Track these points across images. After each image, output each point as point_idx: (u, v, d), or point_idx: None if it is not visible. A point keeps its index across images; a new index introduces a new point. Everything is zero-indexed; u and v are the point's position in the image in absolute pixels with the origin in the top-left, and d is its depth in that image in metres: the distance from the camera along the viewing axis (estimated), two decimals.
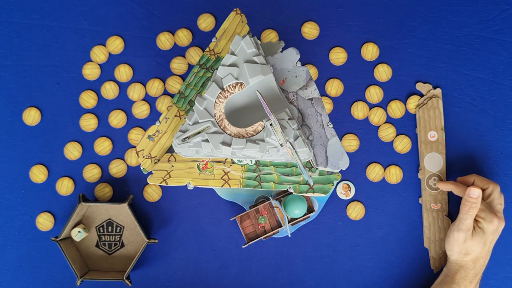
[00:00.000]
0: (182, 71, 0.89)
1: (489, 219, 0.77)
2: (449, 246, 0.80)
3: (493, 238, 0.79)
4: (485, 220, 0.78)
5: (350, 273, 0.87)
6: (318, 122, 0.79)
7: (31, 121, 0.87)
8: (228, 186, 0.79)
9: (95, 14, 0.89)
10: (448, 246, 0.80)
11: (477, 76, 0.88)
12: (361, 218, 0.87)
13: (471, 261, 0.79)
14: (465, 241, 0.78)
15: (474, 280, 0.79)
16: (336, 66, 0.89)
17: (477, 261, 0.79)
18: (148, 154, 0.80)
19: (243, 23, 0.82)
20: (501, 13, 0.89)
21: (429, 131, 0.87)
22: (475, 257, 0.79)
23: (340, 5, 0.90)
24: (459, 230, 0.78)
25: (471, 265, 0.79)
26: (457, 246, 0.79)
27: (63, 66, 0.88)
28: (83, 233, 0.83)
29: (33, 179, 0.87)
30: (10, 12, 0.89)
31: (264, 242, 0.87)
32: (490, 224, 0.77)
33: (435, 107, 0.87)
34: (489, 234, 0.78)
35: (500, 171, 0.87)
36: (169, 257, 0.87)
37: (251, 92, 0.75)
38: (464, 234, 0.78)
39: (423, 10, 0.89)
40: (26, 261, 0.86)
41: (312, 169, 0.79)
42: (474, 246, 0.78)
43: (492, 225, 0.77)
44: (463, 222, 0.77)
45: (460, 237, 0.78)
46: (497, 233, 0.79)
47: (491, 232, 0.78)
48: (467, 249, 0.79)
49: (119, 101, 0.89)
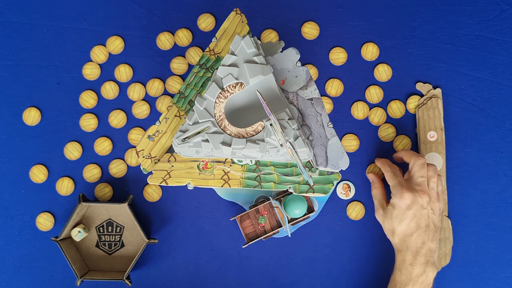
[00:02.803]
0: (182, 71, 0.89)
1: (399, 194, 0.76)
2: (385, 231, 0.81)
3: (413, 212, 0.76)
4: (395, 195, 0.77)
5: (350, 273, 0.87)
6: (318, 122, 0.79)
7: (31, 121, 0.87)
8: (228, 186, 0.79)
9: (95, 14, 0.89)
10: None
11: (477, 76, 0.89)
12: (361, 218, 0.87)
13: (399, 241, 0.77)
14: (382, 221, 0.80)
15: (415, 263, 0.76)
16: (336, 66, 0.89)
17: (406, 240, 0.76)
18: (148, 154, 0.80)
19: (243, 23, 0.82)
20: (501, 13, 0.89)
21: (428, 131, 0.87)
22: (401, 236, 0.77)
23: (340, 5, 0.90)
24: (375, 212, 0.81)
25: (402, 246, 0.77)
26: (384, 230, 0.80)
27: (63, 66, 0.88)
28: (83, 233, 0.83)
29: (33, 179, 0.87)
30: (10, 12, 0.89)
31: (264, 242, 0.87)
32: (401, 199, 0.76)
33: (434, 107, 0.87)
34: (402, 208, 0.76)
35: (500, 171, 0.87)
36: (169, 257, 0.87)
37: (251, 92, 0.75)
38: (378, 214, 0.81)
39: (423, 10, 0.89)
40: (26, 261, 0.86)
41: (312, 169, 0.79)
42: (390, 224, 0.78)
43: (403, 200, 0.76)
44: (375, 205, 0.82)
45: (378, 219, 0.81)
46: (418, 206, 0.76)
47: (405, 207, 0.76)
48: (389, 229, 0.78)
49: (119, 101, 0.89)
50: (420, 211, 0.76)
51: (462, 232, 0.86)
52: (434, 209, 0.77)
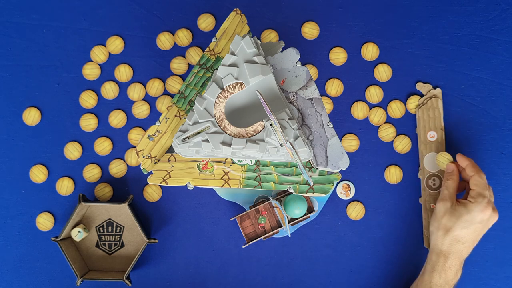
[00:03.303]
0: (182, 71, 0.89)
1: (483, 206, 0.74)
2: (432, 222, 0.78)
3: (480, 227, 0.75)
4: (478, 204, 0.75)
5: (350, 273, 0.87)
6: (318, 122, 0.79)
7: (31, 121, 0.87)
8: (228, 186, 0.79)
9: (95, 14, 0.89)
10: (432, 223, 0.78)
11: (477, 76, 0.88)
12: (361, 218, 0.87)
13: (449, 242, 0.76)
14: (443, 213, 0.76)
15: (454, 267, 0.76)
16: (336, 66, 0.89)
17: (456, 245, 0.75)
18: (148, 154, 0.80)
19: (243, 23, 0.82)
20: (501, 13, 0.89)
21: (428, 131, 0.87)
22: (453, 239, 0.75)
23: (340, 5, 0.90)
24: (438, 200, 0.78)
25: (449, 248, 0.76)
26: (437, 220, 0.77)
27: (63, 66, 0.88)
28: (83, 233, 0.83)
29: (33, 179, 0.87)
30: (10, 12, 0.89)
31: (264, 242, 0.87)
32: (482, 211, 0.74)
33: (434, 107, 0.87)
34: (476, 220, 0.75)
35: (500, 171, 0.87)
36: (169, 257, 0.87)
37: (251, 92, 0.75)
38: (443, 205, 0.77)
39: (423, 10, 0.89)
40: (26, 261, 0.86)
41: (312, 169, 0.79)
42: (452, 222, 0.75)
43: (482, 214, 0.74)
44: (441, 192, 0.78)
45: (440, 208, 0.77)
46: (485, 224, 0.75)
47: (479, 220, 0.75)
48: (446, 225, 0.76)
49: (119, 101, 0.89)
50: (484, 228, 0.76)
51: None
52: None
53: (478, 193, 0.75)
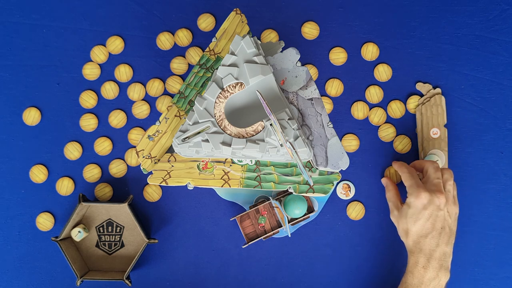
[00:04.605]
0: (182, 71, 0.89)
1: (416, 193, 0.75)
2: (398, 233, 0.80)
3: (429, 214, 0.75)
4: (411, 194, 0.76)
5: (350, 273, 0.87)
6: (318, 122, 0.79)
7: (31, 121, 0.87)
8: (228, 186, 0.79)
9: (95, 14, 0.89)
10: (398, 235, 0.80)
11: (477, 76, 0.89)
12: (361, 218, 0.87)
13: (412, 242, 0.76)
14: (397, 221, 0.79)
15: (429, 266, 0.75)
16: (336, 66, 0.89)
17: (420, 241, 0.75)
18: (148, 154, 0.80)
19: (243, 23, 0.82)
20: (501, 13, 0.89)
21: (431, 128, 0.87)
22: (415, 237, 0.75)
23: (340, 5, 0.90)
24: (390, 215, 0.81)
25: (415, 248, 0.76)
26: (398, 230, 0.79)
27: (63, 66, 0.88)
28: (83, 233, 0.83)
29: (33, 179, 0.87)
30: (10, 12, 0.89)
31: (264, 242, 0.87)
32: (417, 198, 0.75)
33: (438, 104, 0.87)
34: (418, 208, 0.75)
35: (500, 171, 0.87)
36: (169, 257, 0.87)
37: (251, 92, 0.75)
38: (392, 216, 0.80)
39: (423, 10, 0.89)
40: (26, 261, 0.86)
41: (312, 169, 0.79)
42: (404, 224, 0.76)
43: (419, 199, 0.75)
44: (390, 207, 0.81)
45: (393, 220, 0.80)
46: (434, 207, 0.75)
47: (421, 206, 0.75)
48: (403, 229, 0.77)
49: (119, 101, 0.89)
50: (436, 212, 0.75)
51: (462, 232, 0.86)
52: (450, 212, 0.76)
53: (408, 186, 0.78)
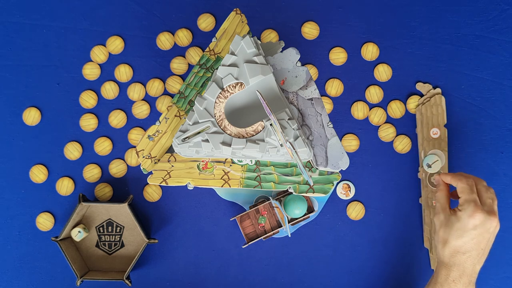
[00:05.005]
0: (182, 71, 0.89)
1: (471, 211, 0.72)
2: (433, 236, 0.76)
3: (477, 234, 0.73)
4: (465, 210, 0.73)
5: (350, 273, 0.87)
6: (318, 122, 0.79)
7: (31, 121, 0.87)
8: (228, 186, 0.79)
9: (95, 14, 0.89)
10: (433, 236, 0.76)
11: (477, 76, 0.89)
12: (361, 218, 0.87)
13: (448, 254, 0.74)
14: (439, 226, 0.75)
15: (460, 282, 0.73)
16: (336, 66, 0.89)
17: (456, 256, 0.73)
18: (148, 154, 0.80)
19: (243, 23, 0.82)
20: (501, 13, 0.89)
21: (431, 128, 0.86)
22: (452, 250, 0.73)
23: (340, 5, 0.90)
24: (434, 215, 0.77)
25: (449, 260, 0.74)
26: (436, 234, 0.76)
27: (63, 66, 0.88)
28: (83, 233, 0.83)
29: (33, 179, 0.87)
30: (10, 12, 0.89)
31: (264, 242, 0.87)
32: (471, 217, 0.72)
33: (437, 104, 0.87)
34: (468, 227, 0.72)
35: (500, 171, 0.87)
36: (169, 257, 0.87)
37: (251, 92, 0.75)
38: (437, 218, 0.75)
39: (423, 10, 0.89)
40: (26, 261, 0.86)
41: (312, 169, 0.79)
42: (447, 233, 0.73)
43: (472, 219, 0.72)
44: (435, 206, 0.77)
45: (436, 222, 0.76)
46: (482, 229, 0.73)
47: (471, 226, 0.72)
48: (442, 237, 0.74)
49: (119, 101, 0.89)
50: (484, 234, 0.73)
51: None
52: (495, 234, 0.75)
53: (464, 200, 0.74)
